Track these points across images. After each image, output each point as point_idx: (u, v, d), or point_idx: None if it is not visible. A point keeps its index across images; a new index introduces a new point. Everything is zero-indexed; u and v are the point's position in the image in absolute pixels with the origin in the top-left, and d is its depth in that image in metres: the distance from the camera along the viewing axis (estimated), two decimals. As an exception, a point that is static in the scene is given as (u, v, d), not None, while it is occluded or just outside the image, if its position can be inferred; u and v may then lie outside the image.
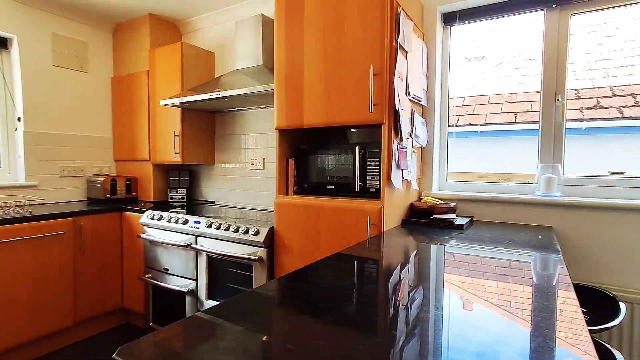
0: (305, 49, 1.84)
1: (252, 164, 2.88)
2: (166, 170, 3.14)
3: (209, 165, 3.15)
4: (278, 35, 1.93)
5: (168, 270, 2.43)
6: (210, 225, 2.18)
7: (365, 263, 1.16)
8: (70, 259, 2.44)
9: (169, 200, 3.06)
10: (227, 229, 2.10)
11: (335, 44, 1.75)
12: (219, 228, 2.13)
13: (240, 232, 2.04)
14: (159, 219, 2.44)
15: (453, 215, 1.85)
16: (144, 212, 2.58)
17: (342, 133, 2.22)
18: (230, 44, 2.98)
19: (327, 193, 1.95)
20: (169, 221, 2.38)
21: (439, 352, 0.61)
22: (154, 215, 2.49)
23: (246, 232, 2.02)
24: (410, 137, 1.92)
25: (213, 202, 3.11)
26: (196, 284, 2.27)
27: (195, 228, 2.24)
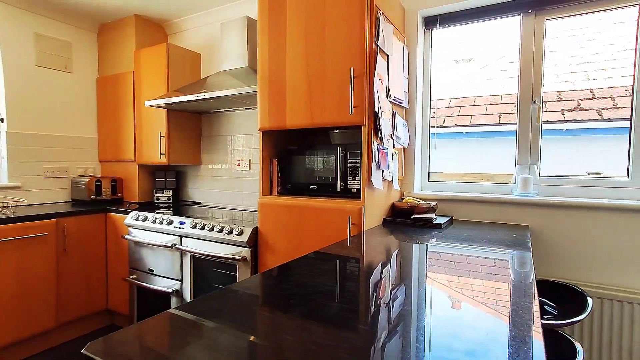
0: (288, 51, 1.87)
1: (239, 165, 2.89)
2: (152, 171, 3.13)
3: (196, 166, 3.16)
4: (261, 38, 1.95)
5: (153, 271, 2.43)
6: (194, 226, 2.19)
7: (341, 261, 1.19)
8: (53, 261, 2.42)
9: (155, 201, 3.05)
10: (212, 229, 2.11)
11: (316, 47, 1.78)
12: (203, 228, 2.15)
13: (225, 232, 2.05)
14: (144, 220, 2.44)
15: (433, 215, 1.89)
16: (128, 213, 2.58)
17: (326, 134, 2.26)
18: (217, 45, 3.00)
19: (310, 193, 1.98)
20: (154, 222, 2.39)
21: (406, 334, 0.64)
22: (138, 216, 2.49)
23: (230, 232, 2.04)
24: (392, 139, 1.96)
25: (200, 203, 3.12)
26: (181, 285, 2.28)
27: (179, 229, 2.25)
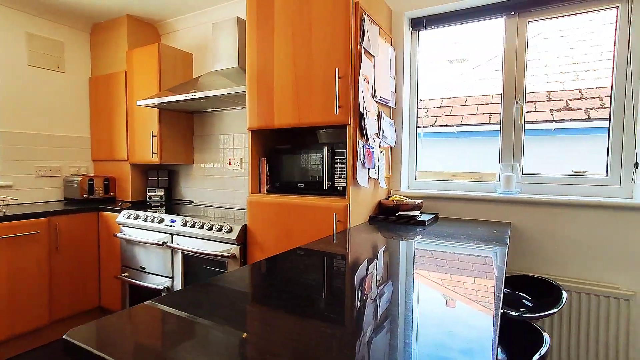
0: (276, 52, 1.90)
1: (230, 164, 2.93)
2: (145, 170, 3.16)
3: (188, 165, 3.19)
4: (250, 39, 1.98)
5: (144, 268, 2.46)
6: (185, 224, 2.22)
7: (323, 255, 1.23)
8: (45, 259, 2.45)
9: (147, 200, 3.08)
10: (202, 227, 2.15)
11: (303, 48, 1.81)
12: (193, 226, 2.18)
13: (214, 230, 2.09)
14: (135, 218, 2.47)
15: (417, 212, 1.93)
16: (120, 212, 2.61)
17: (313, 133, 2.29)
18: (209, 46, 3.02)
19: (298, 191, 2.02)
20: (145, 220, 2.42)
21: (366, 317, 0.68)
22: (130, 214, 2.52)
23: (220, 230, 2.07)
24: (378, 138, 2.00)
25: (192, 202, 3.15)
26: (172, 282, 2.31)
27: (170, 227, 2.28)
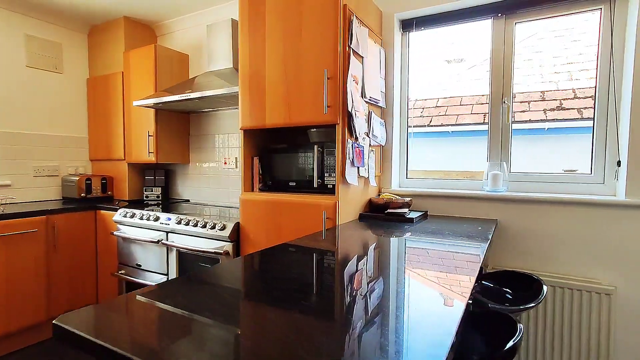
0: (267, 54, 1.95)
1: (225, 163, 2.97)
2: (142, 169, 3.21)
3: (184, 165, 3.23)
4: (242, 41, 2.03)
5: (141, 266, 2.51)
6: (180, 222, 2.26)
7: (310, 251, 1.27)
8: (43, 257, 2.49)
9: (144, 199, 3.13)
10: (196, 224, 2.19)
11: (294, 49, 1.86)
12: (188, 224, 2.22)
13: (208, 228, 2.13)
14: (132, 217, 2.52)
15: (406, 210, 1.98)
16: (117, 210, 2.65)
17: (304, 133, 2.34)
18: (204, 47, 3.07)
19: (290, 189, 2.06)
20: (141, 218, 2.46)
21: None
22: (126, 213, 2.56)
23: (213, 228, 2.12)
24: (368, 137, 2.04)
25: (188, 201, 3.19)
26: (167, 279, 2.35)
27: (165, 224, 2.32)
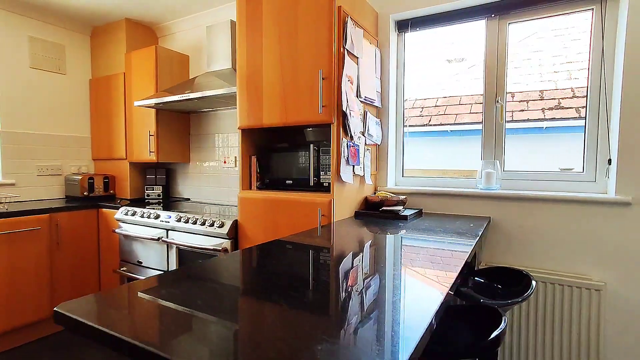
0: (264, 55, 1.99)
1: (225, 162, 3.02)
2: (143, 168, 3.26)
3: (185, 164, 3.28)
4: (240, 42, 2.07)
5: (141, 262, 2.56)
6: (179, 220, 2.31)
7: (304, 247, 1.31)
8: (46, 254, 2.55)
9: (145, 197, 3.18)
10: (195, 222, 2.24)
11: (290, 50, 1.90)
12: (187, 222, 2.27)
13: (207, 225, 2.18)
14: (133, 215, 2.57)
15: (401, 208, 2.01)
16: (119, 209, 2.70)
17: (301, 132, 2.38)
18: (204, 48, 3.12)
19: (286, 188, 2.11)
20: (142, 216, 2.51)
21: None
22: (128, 211, 2.61)
23: (212, 225, 2.16)
24: (363, 136, 2.08)
25: (189, 199, 3.24)
26: (167, 275, 2.40)
27: (166, 222, 2.37)
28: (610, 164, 1.83)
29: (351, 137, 1.92)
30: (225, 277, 0.96)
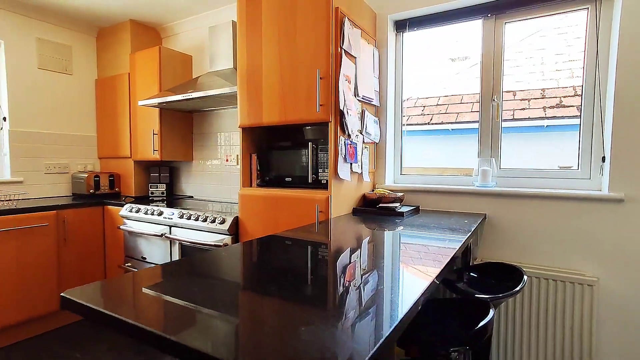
0: (264, 55, 2.04)
1: (227, 160, 3.07)
2: (147, 166, 3.32)
3: (188, 162, 3.34)
4: (240, 42, 2.12)
5: (146, 258, 2.62)
6: (182, 216, 2.37)
7: (301, 241, 1.36)
8: (53, 249, 2.62)
9: (149, 195, 3.25)
10: (197, 219, 2.29)
11: (288, 50, 1.94)
12: (189, 218, 2.33)
13: (208, 222, 2.23)
14: (137, 212, 2.63)
15: (398, 204, 2.05)
16: (124, 206, 2.77)
17: (300, 130, 2.42)
18: (206, 48, 3.17)
19: (286, 185, 2.15)
20: (146, 213, 2.57)
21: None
22: (132, 208, 2.68)
23: (213, 221, 2.22)
24: (361, 134, 2.12)
25: (192, 197, 3.30)
26: (171, 271, 2.46)
27: (169, 219, 2.43)
28: (604, 162, 1.85)
29: (349, 136, 1.97)
30: (223, 268, 1.01)
